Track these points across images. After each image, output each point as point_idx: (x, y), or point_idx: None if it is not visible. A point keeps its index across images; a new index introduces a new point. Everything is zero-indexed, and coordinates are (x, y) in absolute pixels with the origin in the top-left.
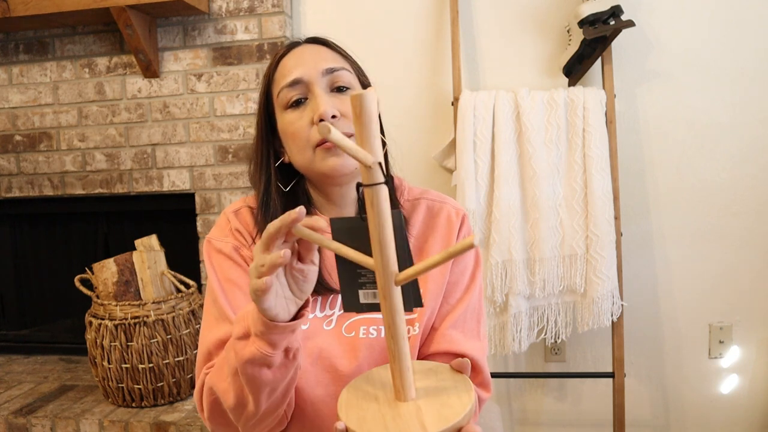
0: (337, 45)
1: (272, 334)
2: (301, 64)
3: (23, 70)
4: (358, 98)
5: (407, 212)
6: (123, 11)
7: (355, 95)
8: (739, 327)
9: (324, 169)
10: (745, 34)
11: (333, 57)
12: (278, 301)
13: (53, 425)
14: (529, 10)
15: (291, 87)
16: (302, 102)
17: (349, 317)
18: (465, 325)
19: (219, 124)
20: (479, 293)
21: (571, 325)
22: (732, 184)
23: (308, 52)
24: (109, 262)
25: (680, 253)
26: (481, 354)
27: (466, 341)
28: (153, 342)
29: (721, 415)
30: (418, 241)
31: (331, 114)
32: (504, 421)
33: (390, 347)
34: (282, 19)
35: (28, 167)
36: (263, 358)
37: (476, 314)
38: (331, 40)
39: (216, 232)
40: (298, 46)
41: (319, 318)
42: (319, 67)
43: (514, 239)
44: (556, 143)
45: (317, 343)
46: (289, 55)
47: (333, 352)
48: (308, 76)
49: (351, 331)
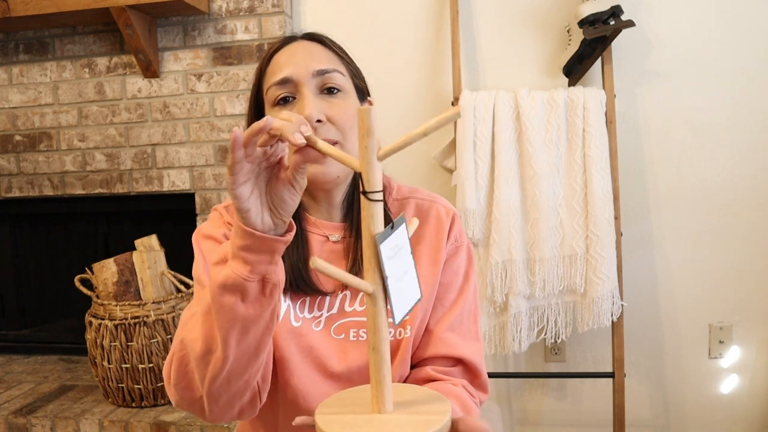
0: (334, 43)
1: (249, 250)
2: (293, 62)
3: (23, 70)
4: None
5: (395, 212)
6: (123, 11)
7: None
8: (739, 327)
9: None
10: (745, 34)
11: (327, 57)
12: (252, 199)
13: (53, 425)
14: (529, 10)
15: (280, 85)
16: (289, 100)
17: (338, 319)
18: (462, 327)
19: (219, 124)
20: (474, 293)
21: (571, 325)
22: (732, 184)
23: (302, 49)
24: (109, 262)
25: (680, 253)
26: (479, 356)
27: (464, 344)
28: (153, 342)
29: (721, 415)
30: None
31: (316, 118)
32: (504, 421)
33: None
34: (282, 19)
35: (28, 167)
36: (238, 281)
37: (472, 315)
38: (327, 38)
39: (207, 224)
40: (294, 41)
41: (308, 318)
42: (311, 68)
43: (514, 239)
44: (556, 143)
45: (308, 340)
46: (282, 50)
47: (323, 351)
48: (298, 76)
49: (340, 333)
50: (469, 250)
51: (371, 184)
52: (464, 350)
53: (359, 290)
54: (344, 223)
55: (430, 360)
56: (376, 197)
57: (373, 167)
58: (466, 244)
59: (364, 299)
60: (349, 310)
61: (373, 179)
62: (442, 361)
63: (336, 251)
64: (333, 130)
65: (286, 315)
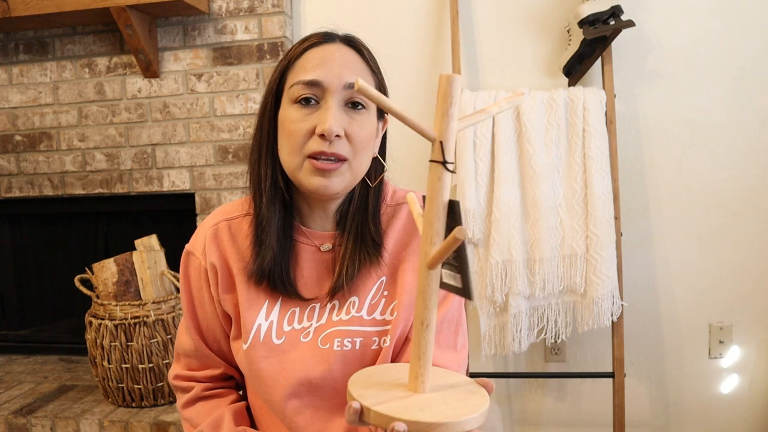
0: (371, 55)
1: None
2: (326, 65)
3: (23, 70)
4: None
5: (387, 218)
6: (123, 11)
7: (443, 76)
8: (739, 327)
9: (307, 186)
10: (745, 34)
11: (361, 71)
12: None
13: (53, 425)
14: (529, 10)
15: (307, 85)
16: (311, 102)
17: (325, 329)
18: (440, 336)
19: (219, 124)
20: (459, 303)
21: (571, 325)
22: (732, 184)
23: (339, 54)
24: (109, 262)
25: (680, 253)
26: (457, 366)
27: (441, 354)
28: (153, 342)
29: (721, 415)
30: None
31: (335, 133)
32: (504, 421)
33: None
34: (282, 19)
35: (28, 167)
36: None
37: (454, 325)
38: (366, 48)
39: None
40: (332, 42)
41: (296, 330)
42: (344, 78)
43: (514, 239)
44: (556, 143)
45: (292, 357)
46: (318, 48)
47: (306, 364)
48: (329, 83)
49: (326, 343)
50: None
51: (449, 153)
52: (441, 360)
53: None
54: (336, 231)
55: None
56: (451, 167)
57: (451, 136)
58: None
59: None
60: (335, 320)
61: (450, 148)
62: None
63: (325, 261)
64: (347, 146)
65: (268, 333)
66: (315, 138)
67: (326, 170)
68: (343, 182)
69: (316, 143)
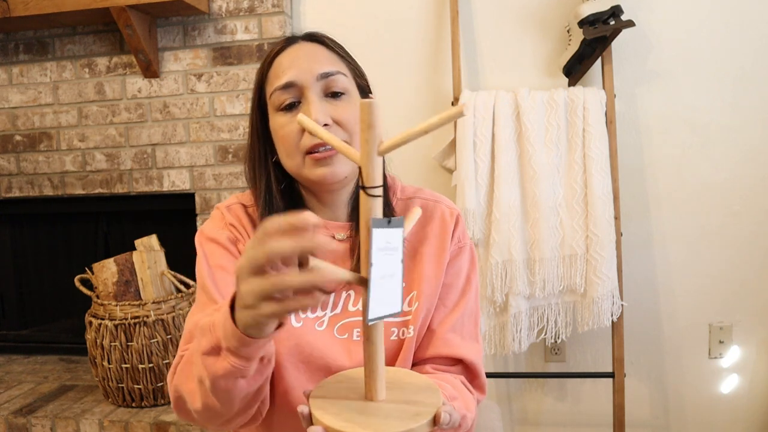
0: (335, 43)
1: (248, 349)
2: (295, 65)
3: (23, 70)
4: (367, 106)
5: (400, 212)
6: (123, 11)
7: (363, 102)
8: (739, 327)
9: (313, 177)
10: (745, 34)
11: (330, 59)
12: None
13: (53, 425)
14: (529, 10)
15: (284, 90)
16: (295, 105)
17: (341, 319)
18: (463, 328)
19: (219, 124)
20: (476, 295)
21: (571, 325)
22: (732, 184)
23: (304, 52)
24: (109, 262)
25: (680, 253)
26: (478, 357)
27: (465, 345)
28: (153, 342)
29: (721, 415)
30: (411, 243)
31: (323, 122)
32: (504, 421)
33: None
34: (282, 19)
35: (28, 167)
36: (237, 371)
37: (473, 317)
38: (329, 38)
39: (209, 224)
40: (295, 43)
41: (310, 319)
42: (315, 71)
43: (514, 239)
44: (556, 143)
45: (309, 341)
46: (284, 53)
47: (326, 351)
48: (302, 80)
49: (344, 333)
50: (472, 251)
51: (371, 178)
52: (464, 351)
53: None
54: (350, 222)
55: (430, 359)
56: (375, 192)
57: (373, 161)
58: (469, 245)
59: None
60: (352, 310)
61: (372, 174)
62: (443, 360)
63: (341, 250)
64: (341, 132)
65: None
66: (306, 134)
67: (326, 158)
68: (347, 165)
69: (308, 138)
